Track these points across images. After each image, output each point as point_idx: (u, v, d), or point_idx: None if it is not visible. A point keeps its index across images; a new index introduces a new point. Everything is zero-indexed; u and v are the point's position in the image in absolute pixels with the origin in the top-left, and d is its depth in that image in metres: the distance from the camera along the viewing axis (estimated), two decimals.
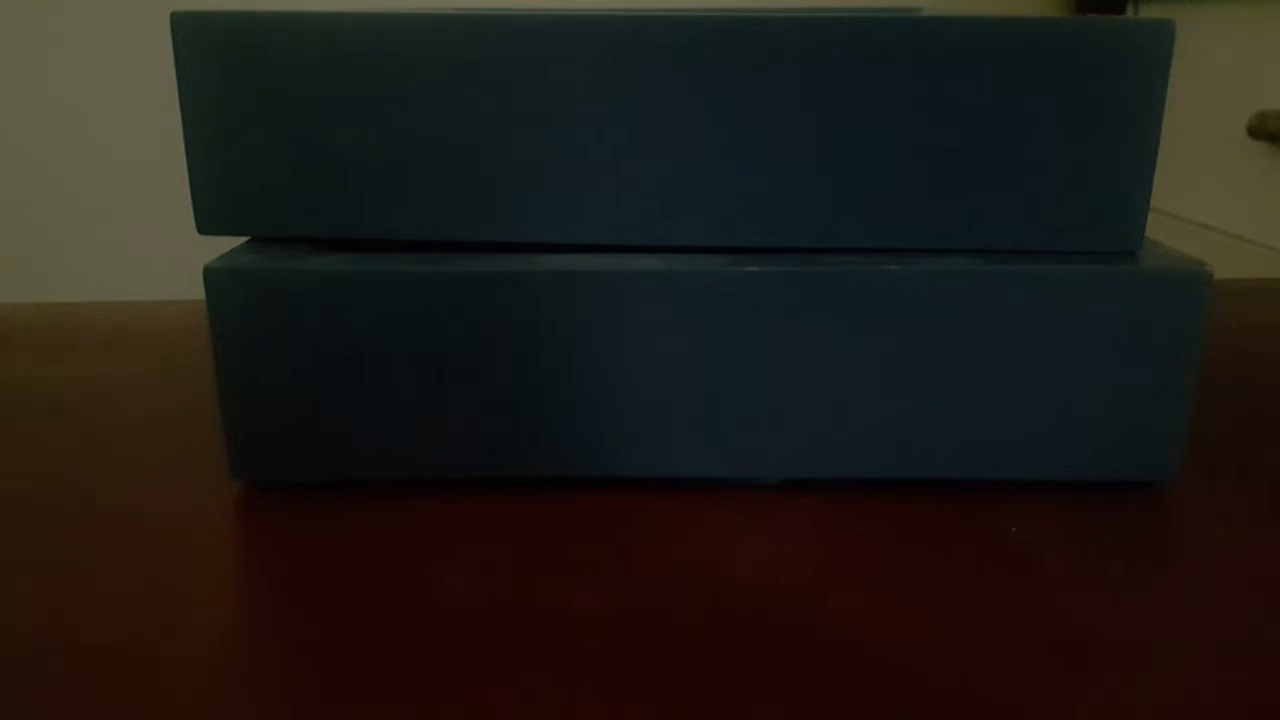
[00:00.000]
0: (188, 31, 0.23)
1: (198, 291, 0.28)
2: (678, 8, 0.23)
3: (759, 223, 0.23)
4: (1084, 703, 0.17)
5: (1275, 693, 0.17)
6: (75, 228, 1.26)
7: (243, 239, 0.25)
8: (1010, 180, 0.23)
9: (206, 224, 0.24)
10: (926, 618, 0.19)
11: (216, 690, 0.17)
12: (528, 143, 0.23)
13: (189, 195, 0.24)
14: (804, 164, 0.23)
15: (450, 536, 0.22)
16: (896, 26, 0.22)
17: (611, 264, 0.23)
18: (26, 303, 0.40)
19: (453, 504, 0.24)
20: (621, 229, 0.23)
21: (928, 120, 0.22)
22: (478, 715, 0.17)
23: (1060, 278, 0.22)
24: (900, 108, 0.22)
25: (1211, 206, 1.07)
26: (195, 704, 0.17)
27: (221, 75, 0.23)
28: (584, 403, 0.23)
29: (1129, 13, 1.21)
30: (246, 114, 0.23)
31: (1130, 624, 0.19)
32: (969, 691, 0.17)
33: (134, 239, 1.26)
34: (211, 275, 0.23)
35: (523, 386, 0.23)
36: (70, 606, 0.20)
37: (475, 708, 0.17)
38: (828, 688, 0.17)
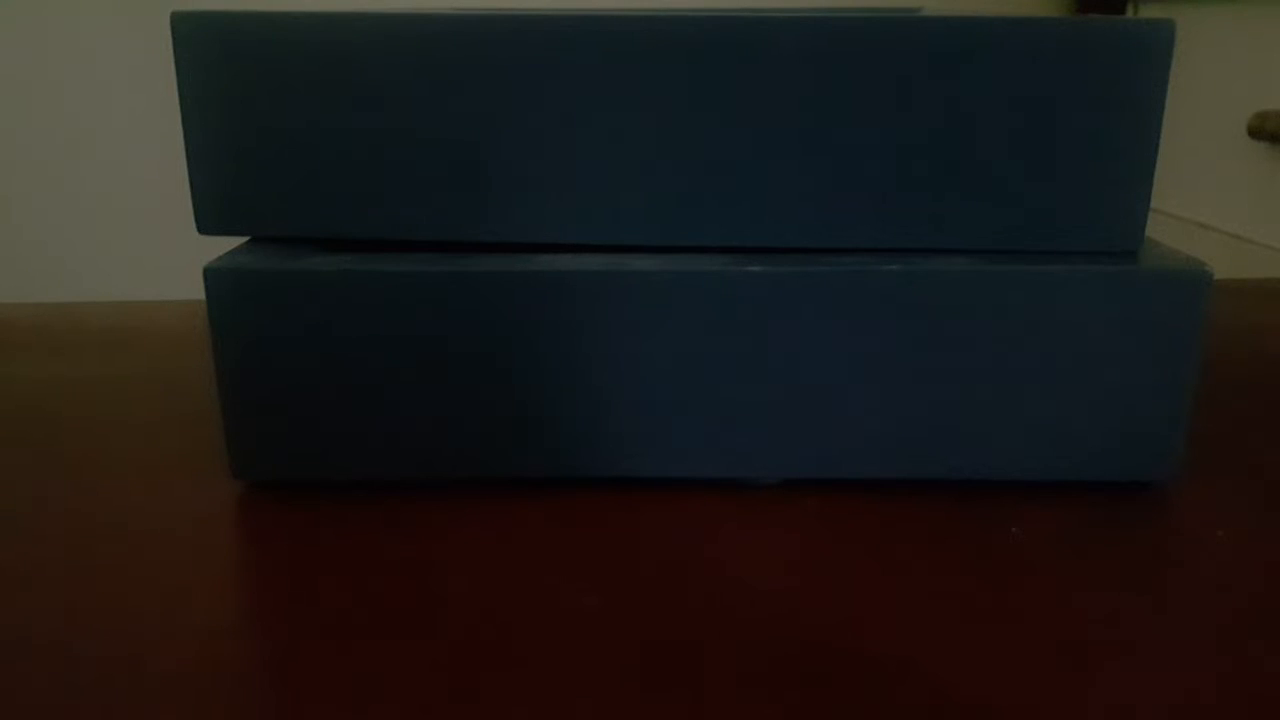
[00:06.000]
0: (188, 31, 0.23)
1: (198, 291, 0.28)
2: (678, 8, 0.23)
3: (759, 223, 0.23)
4: (1084, 702, 0.17)
5: (1275, 693, 0.17)
6: (75, 228, 1.26)
7: (243, 239, 0.25)
8: (1010, 180, 0.23)
9: (206, 224, 0.24)
10: (926, 617, 0.19)
11: (216, 690, 0.17)
12: (528, 143, 0.23)
13: (189, 195, 0.24)
14: (804, 164, 0.23)
15: (450, 536, 0.22)
16: (896, 26, 0.22)
17: (611, 264, 0.23)
18: (26, 303, 0.40)
19: (453, 504, 0.24)
20: (622, 229, 0.23)
21: (927, 120, 0.22)
22: (478, 715, 0.17)
23: (1060, 278, 0.22)
24: (900, 108, 0.22)
25: (1211, 206, 1.07)
26: (195, 704, 0.17)
27: (221, 75, 0.23)
28: (584, 403, 0.23)
29: (1129, 13, 1.21)
30: (246, 114, 0.23)
31: (1130, 624, 0.19)
32: (969, 691, 0.17)
33: (134, 239, 1.26)
34: (211, 275, 0.23)
35: (523, 386, 0.23)
36: (70, 607, 0.20)
37: (476, 707, 0.17)
38: (827, 687, 0.17)
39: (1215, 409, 0.29)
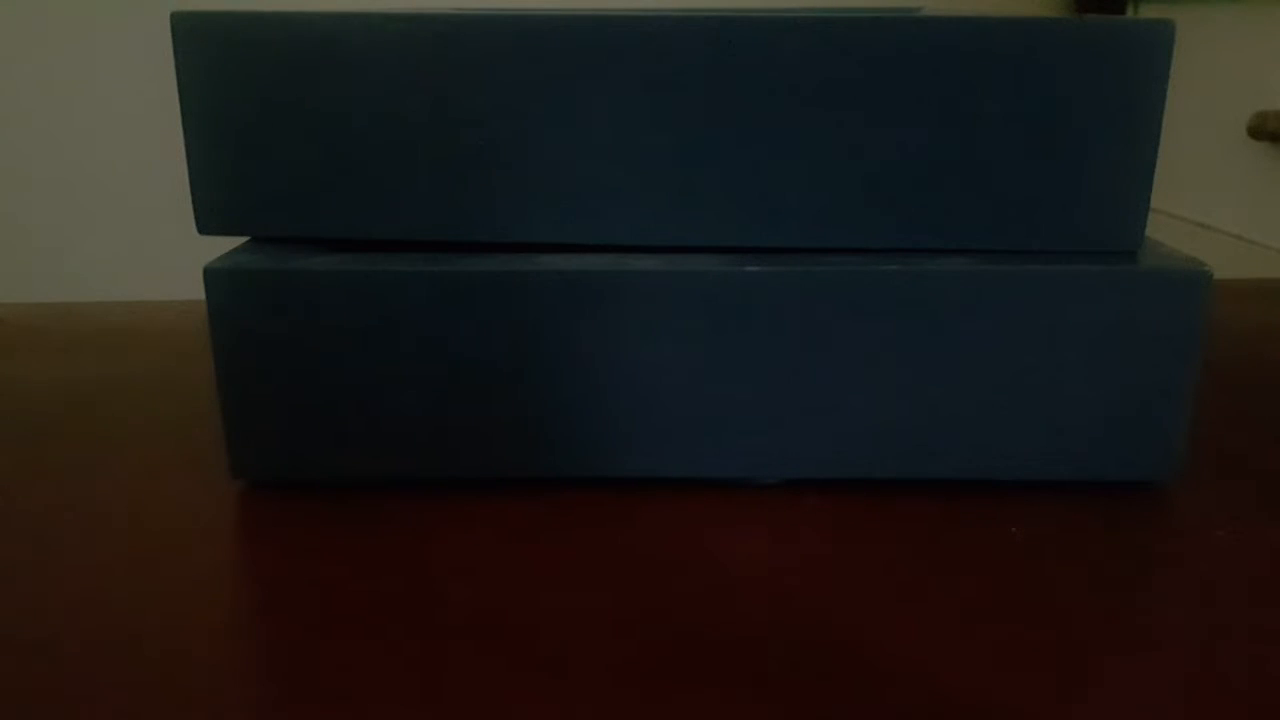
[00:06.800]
0: (188, 31, 0.23)
1: (198, 291, 0.28)
2: (678, 8, 0.23)
3: (759, 223, 0.23)
4: (1083, 702, 0.17)
5: (1275, 693, 0.17)
6: (75, 228, 1.26)
7: (243, 239, 0.25)
8: (1010, 180, 0.23)
9: (206, 224, 0.24)
10: (927, 617, 0.19)
11: (216, 690, 0.17)
12: (527, 142, 0.23)
13: (189, 195, 0.24)
14: (804, 164, 0.23)
15: (449, 536, 0.22)
16: (896, 26, 0.22)
17: (611, 264, 0.23)
18: (26, 303, 0.40)
19: (452, 504, 0.24)
20: (621, 229, 0.23)
21: (927, 120, 0.22)
22: (478, 715, 0.17)
23: (1060, 278, 0.22)
24: (900, 108, 0.22)
25: (1211, 206, 1.07)
26: (194, 704, 0.17)
27: (221, 75, 0.23)
28: (584, 403, 0.23)
29: (1129, 13, 1.21)
30: (246, 114, 0.23)
31: (1130, 624, 0.19)
32: (969, 691, 0.17)
33: (134, 239, 1.26)
34: (211, 275, 0.23)
35: (523, 386, 0.23)
36: (70, 605, 0.20)
37: (475, 708, 0.17)
38: (828, 687, 0.17)
39: (1215, 409, 0.29)
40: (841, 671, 0.18)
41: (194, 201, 0.24)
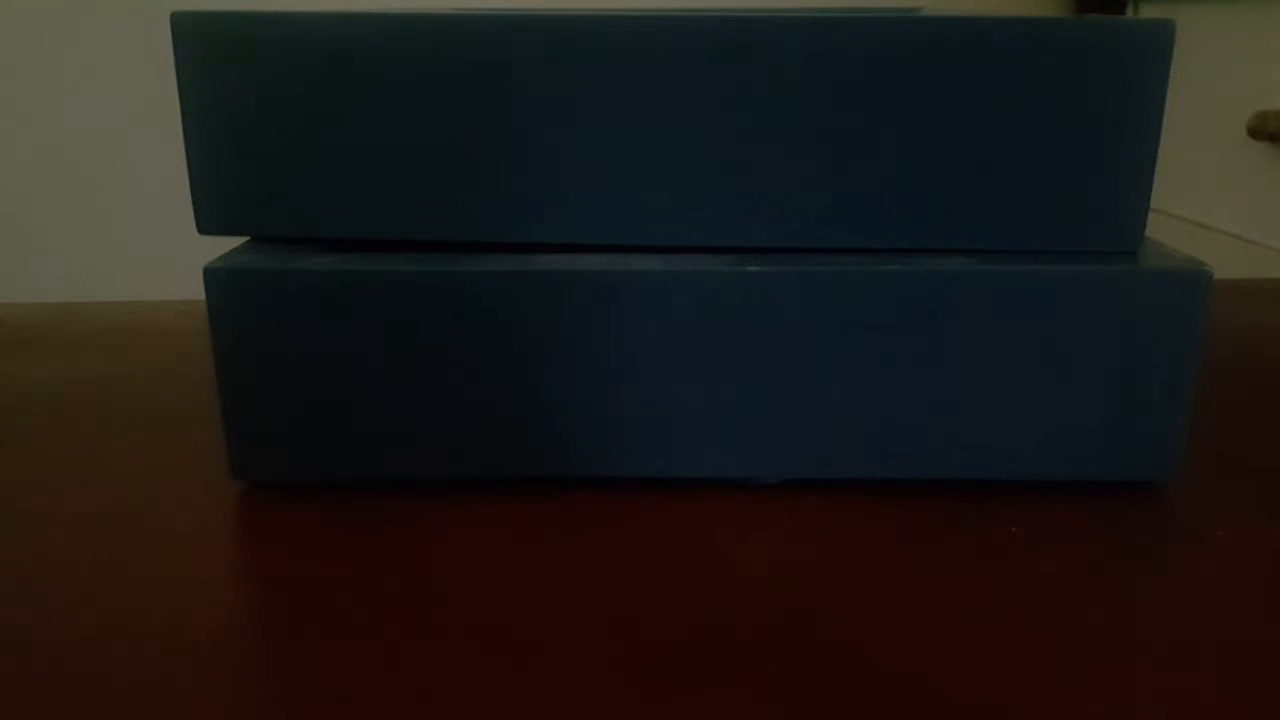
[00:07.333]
0: (188, 31, 0.23)
1: (198, 291, 0.28)
2: (679, 8, 0.23)
3: (759, 223, 0.23)
4: (1084, 703, 0.17)
5: (1276, 693, 0.17)
6: (75, 228, 1.26)
7: (243, 239, 0.25)
8: (1010, 180, 0.23)
9: (206, 224, 0.24)
10: (927, 617, 0.19)
11: (215, 690, 0.17)
12: (528, 143, 0.23)
13: (189, 195, 0.24)
14: (804, 164, 0.23)
15: (450, 536, 0.22)
16: (897, 26, 0.22)
17: (611, 264, 0.23)
18: (26, 303, 0.40)
19: (453, 504, 0.24)
20: (622, 229, 0.23)
21: (927, 120, 0.22)
22: (478, 715, 0.17)
23: (1060, 278, 0.22)
24: (900, 108, 0.22)
25: (1211, 206, 1.07)
26: (194, 704, 0.17)
27: (221, 75, 0.23)
28: (584, 403, 0.23)
29: (1129, 13, 1.21)
30: (246, 114, 0.23)
31: (1130, 624, 0.19)
32: (969, 691, 0.17)
33: (134, 239, 1.26)
34: (211, 275, 0.23)
35: (523, 386, 0.23)
36: (70, 606, 0.20)
37: (476, 708, 0.17)
38: (828, 687, 0.17)
39: (1215, 409, 0.29)
40: (841, 671, 0.18)
41: (194, 201, 0.24)
